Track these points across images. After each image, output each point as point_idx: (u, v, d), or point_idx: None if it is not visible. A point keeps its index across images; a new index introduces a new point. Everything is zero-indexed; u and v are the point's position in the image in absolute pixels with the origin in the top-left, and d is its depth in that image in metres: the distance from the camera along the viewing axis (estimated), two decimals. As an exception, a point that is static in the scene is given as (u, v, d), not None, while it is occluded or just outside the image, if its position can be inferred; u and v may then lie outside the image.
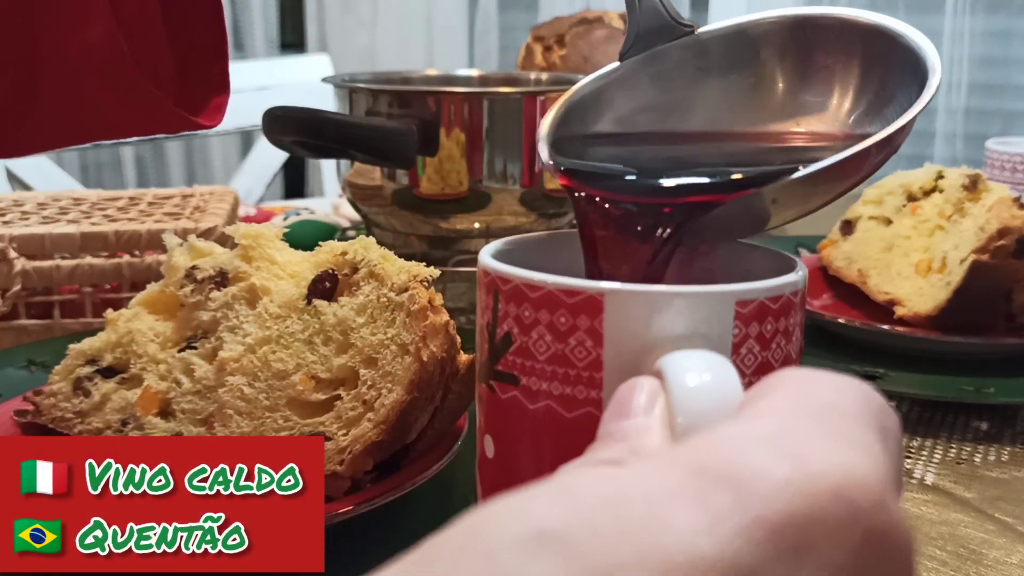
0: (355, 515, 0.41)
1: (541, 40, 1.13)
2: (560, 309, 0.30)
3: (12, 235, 0.68)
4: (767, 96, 0.41)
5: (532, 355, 0.31)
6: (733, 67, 0.42)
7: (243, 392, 0.46)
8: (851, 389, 0.23)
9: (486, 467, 0.35)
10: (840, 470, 0.19)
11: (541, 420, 0.31)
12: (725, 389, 0.25)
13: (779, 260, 0.36)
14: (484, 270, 0.34)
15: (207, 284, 0.50)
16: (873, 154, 0.34)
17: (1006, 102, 2.15)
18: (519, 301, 0.31)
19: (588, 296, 0.30)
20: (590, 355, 0.30)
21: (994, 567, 0.46)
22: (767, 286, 0.31)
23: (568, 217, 0.81)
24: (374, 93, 0.76)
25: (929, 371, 0.65)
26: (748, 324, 0.31)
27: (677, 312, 0.30)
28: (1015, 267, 0.66)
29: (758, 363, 0.31)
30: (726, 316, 0.30)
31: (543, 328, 0.31)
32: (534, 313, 0.31)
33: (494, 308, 0.33)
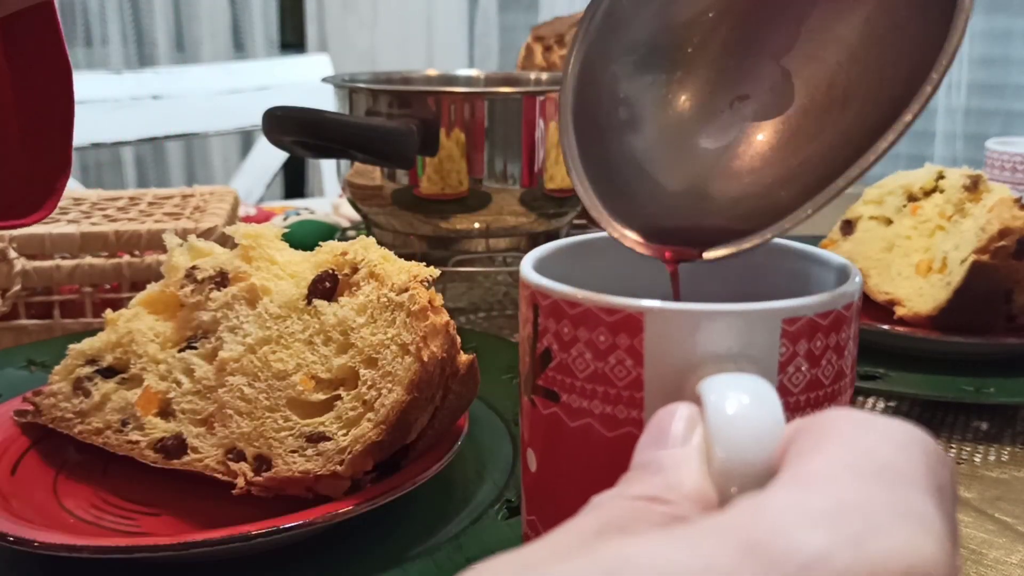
0: (355, 515, 0.41)
1: (541, 40, 1.13)
2: (599, 327, 0.29)
3: (12, 235, 0.68)
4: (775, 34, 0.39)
5: (572, 372, 0.30)
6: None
7: (243, 392, 0.46)
8: (908, 442, 0.22)
9: (530, 481, 0.34)
10: (904, 559, 0.18)
11: (582, 438, 0.30)
12: (767, 422, 0.24)
13: (834, 267, 0.34)
14: (524, 282, 0.32)
15: (207, 284, 0.50)
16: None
17: (1006, 102, 2.16)
18: (558, 317, 0.30)
19: (628, 314, 0.29)
20: (630, 374, 0.29)
21: (994, 567, 0.46)
22: (816, 302, 0.29)
23: (568, 217, 0.81)
24: (374, 93, 0.76)
25: (929, 371, 0.65)
26: (796, 342, 0.29)
27: (720, 331, 0.28)
28: (1015, 268, 0.66)
29: (807, 381, 0.30)
30: (772, 335, 0.29)
31: (582, 346, 0.30)
32: (573, 330, 0.30)
33: (534, 322, 0.32)
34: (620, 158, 0.40)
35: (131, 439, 0.48)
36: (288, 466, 0.43)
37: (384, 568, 0.42)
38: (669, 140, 0.40)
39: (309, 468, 0.43)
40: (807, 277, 0.36)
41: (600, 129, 0.40)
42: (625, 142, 0.40)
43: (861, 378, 0.63)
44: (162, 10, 2.63)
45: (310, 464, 0.43)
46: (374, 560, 0.42)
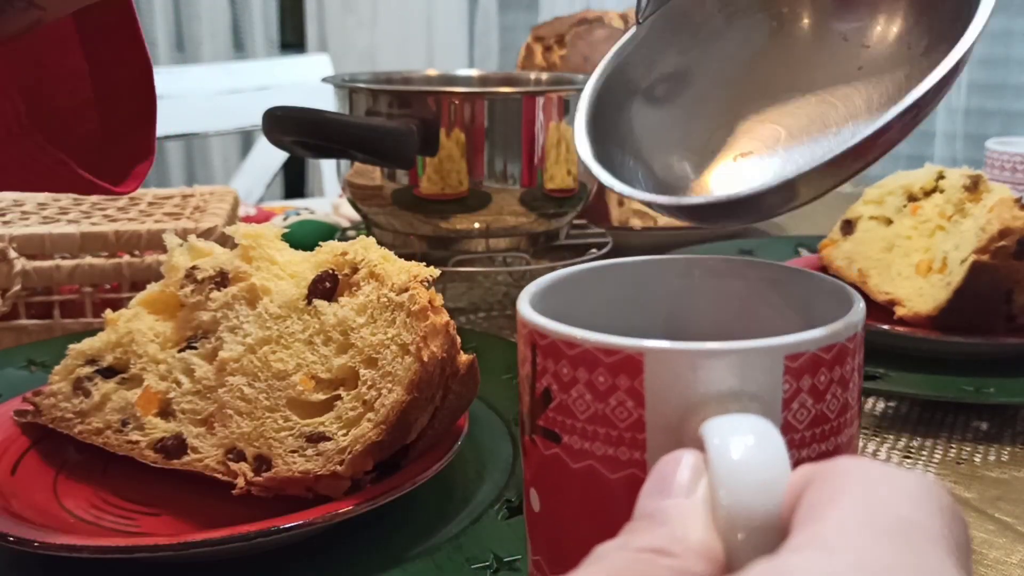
0: (355, 515, 0.41)
1: (541, 40, 1.13)
2: (599, 368, 0.29)
3: (12, 235, 0.68)
4: (798, 36, 0.40)
5: (573, 414, 0.30)
6: (757, 7, 0.41)
7: (243, 392, 0.46)
8: (925, 497, 0.21)
9: (534, 521, 0.33)
10: None
11: (585, 480, 0.30)
12: (772, 468, 0.23)
13: (836, 294, 0.34)
14: (521, 321, 0.32)
15: (207, 284, 0.50)
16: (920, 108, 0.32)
17: (1006, 102, 2.16)
18: (557, 358, 0.30)
19: (627, 355, 0.28)
20: (632, 416, 0.29)
21: (994, 567, 0.46)
22: (818, 336, 0.29)
23: (568, 217, 0.81)
24: (374, 93, 0.76)
25: (929, 371, 0.65)
26: (799, 378, 0.28)
27: (721, 370, 0.28)
28: (1016, 268, 0.66)
29: (812, 416, 0.29)
30: (774, 372, 0.28)
31: (582, 387, 0.29)
32: (572, 371, 0.29)
33: (533, 361, 0.31)
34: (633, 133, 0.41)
35: (131, 439, 0.48)
36: (288, 466, 0.43)
37: (384, 568, 0.42)
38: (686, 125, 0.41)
39: (309, 468, 0.43)
40: (807, 303, 0.35)
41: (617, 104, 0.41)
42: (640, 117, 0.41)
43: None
44: (162, 10, 2.63)
45: (310, 464, 0.43)
46: (374, 560, 0.42)
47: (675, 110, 0.42)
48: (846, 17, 0.39)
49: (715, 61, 0.42)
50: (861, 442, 0.59)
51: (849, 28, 0.39)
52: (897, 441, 0.60)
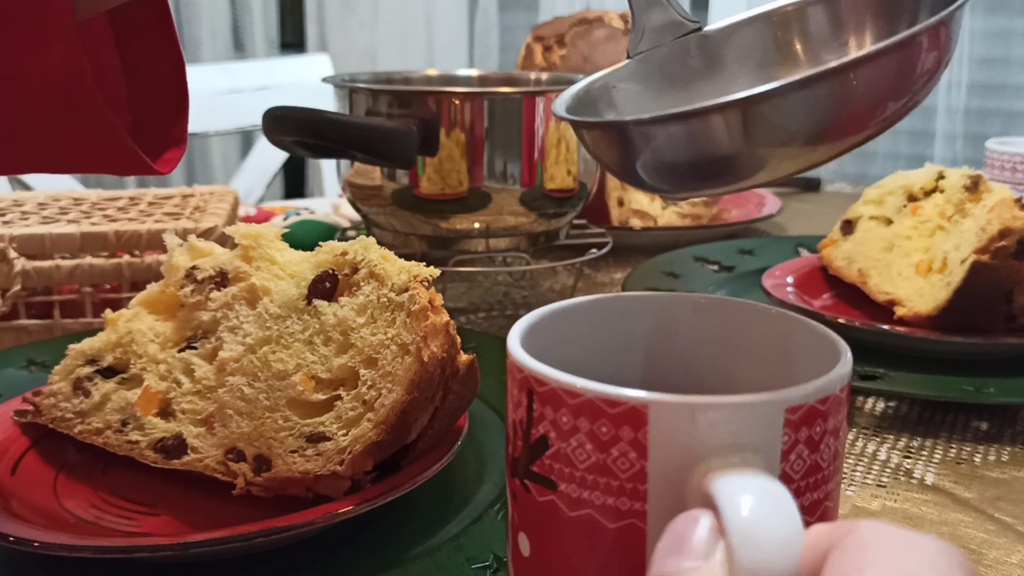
0: (355, 515, 0.41)
1: (541, 40, 1.13)
2: (601, 418, 0.29)
3: (12, 235, 0.68)
4: (788, 76, 0.41)
5: (571, 462, 0.30)
6: (746, 56, 0.42)
7: (243, 392, 0.46)
8: (949, 565, 0.21)
9: (522, 566, 0.33)
10: None
11: (582, 528, 0.30)
12: (788, 531, 0.23)
13: (821, 341, 0.34)
14: (516, 366, 0.31)
15: (207, 284, 0.50)
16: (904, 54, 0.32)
17: (1006, 102, 2.16)
18: (556, 406, 0.30)
19: (631, 407, 0.28)
20: (634, 467, 0.28)
21: (994, 567, 0.46)
22: (816, 388, 0.29)
23: (568, 217, 0.81)
24: (374, 93, 0.76)
25: (929, 371, 0.65)
26: (797, 430, 0.29)
27: (725, 423, 0.28)
28: (1016, 268, 0.66)
29: (807, 467, 0.30)
30: (775, 424, 0.28)
31: (583, 436, 0.29)
32: (573, 420, 0.29)
33: (528, 407, 0.31)
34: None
35: (131, 439, 0.48)
36: (288, 466, 0.43)
37: (384, 568, 0.42)
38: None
39: (309, 468, 0.43)
40: (784, 345, 0.36)
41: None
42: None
43: (861, 378, 0.63)
44: (162, 10, 2.63)
45: (310, 464, 0.43)
46: (374, 560, 0.42)
47: (658, 104, 0.42)
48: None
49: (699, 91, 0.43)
50: (861, 442, 0.59)
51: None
52: (897, 441, 0.60)
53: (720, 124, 0.33)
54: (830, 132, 0.34)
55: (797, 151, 0.34)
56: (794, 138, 0.34)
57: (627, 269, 0.95)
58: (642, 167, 0.36)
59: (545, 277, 0.93)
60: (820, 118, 0.33)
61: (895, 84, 0.33)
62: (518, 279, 0.92)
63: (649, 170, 0.36)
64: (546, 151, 0.76)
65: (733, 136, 0.34)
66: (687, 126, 0.34)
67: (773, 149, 0.34)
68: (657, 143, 0.35)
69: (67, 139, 0.40)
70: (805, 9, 0.41)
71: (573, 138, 0.77)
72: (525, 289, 0.89)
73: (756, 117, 0.33)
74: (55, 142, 0.40)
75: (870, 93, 0.33)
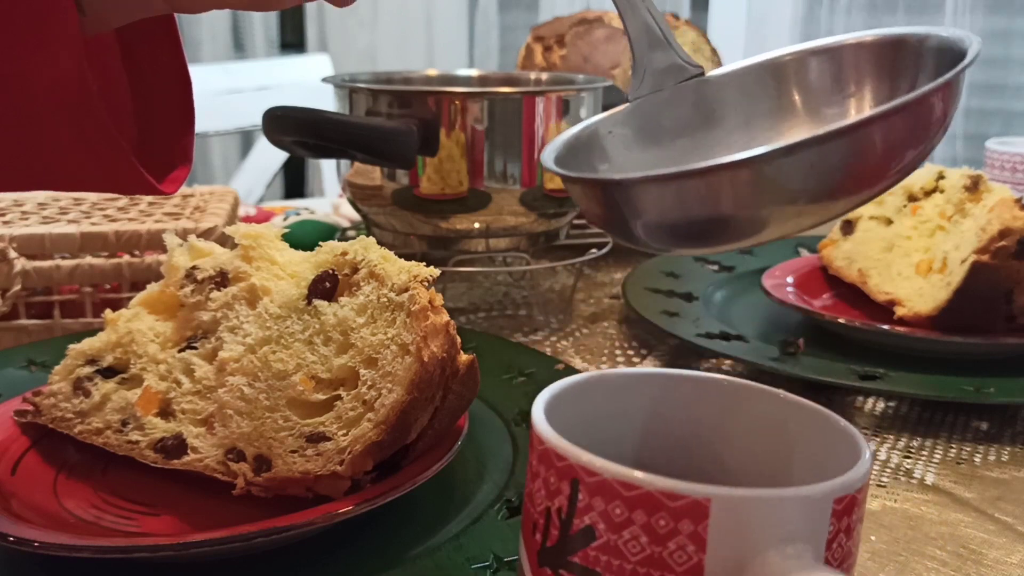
0: (355, 515, 0.41)
1: (541, 40, 1.13)
2: (660, 511, 0.28)
3: (12, 235, 0.68)
4: (787, 126, 0.41)
5: (622, 554, 0.29)
6: (746, 105, 0.41)
7: (243, 392, 0.46)
8: None
9: None
10: None
11: None
12: None
13: (824, 424, 0.34)
14: (556, 452, 0.31)
15: (207, 284, 0.50)
16: (896, 121, 0.32)
17: (1006, 102, 2.15)
18: (609, 497, 0.29)
19: (693, 500, 0.28)
20: (691, 560, 0.28)
21: (994, 567, 0.46)
22: (858, 477, 0.30)
23: (568, 217, 0.81)
24: (374, 93, 0.76)
25: (929, 371, 0.65)
26: (841, 519, 0.30)
27: (783, 515, 0.28)
28: (1016, 268, 0.66)
29: (844, 553, 0.30)
30: (825, 514, 0.29)
31: (638, 528, 0.29)
32: (627, 512, 0.29)
33: (571, 497, 0.30)
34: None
35: (131, 439, 0.48)
36: (288, 466, 0.43)
37: (384, 568, 0.42)
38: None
39: (309, 468, 0.43)
40: (781, 425, 0.36)
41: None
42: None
43: (861, 378, 0.63)
44: (162, 10, 2.63)
45: (310, 464, 0.43)
46: (374, 560, 0.42)
47: (652, 155, 0.42)
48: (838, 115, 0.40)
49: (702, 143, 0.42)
50: (861, 442, 0.59)
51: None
52: (897, 441, 0.60)
53: (715, 186, 0.33)
54: (827, 193, 0.33)
55: (796, 213, 0.34)
56: (794, 199, 0.33)
57: (627, 269, 0.95)
58: (630, 226, 0.36)
59: (545, 277, 0.93)
60: (817, 180, 0.33)
61: (900, 143, 0.33)
62: (518, 279, 0.92)
63: (639, 229, 0.36)
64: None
65: (726, 198, 0.33)
66: (679, 187, 0.33)
67: (773, 211, 0.34)
68: (646, 204, 0.35)
69: (72, 157, 0.40)
70: (806, 60, 0.41)
71: (573, 138, 0.77)
72: (525, 289, 0.89)
73: (752, 179, 0.33)
74: (60, 160, 0.40)
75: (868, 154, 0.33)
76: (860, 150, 0.32)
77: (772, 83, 0.41)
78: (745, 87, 0.42)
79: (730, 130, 0.42)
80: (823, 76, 0.40)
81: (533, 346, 0.72)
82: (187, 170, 0.46)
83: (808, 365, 0.65)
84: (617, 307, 0.85)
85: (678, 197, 0.33)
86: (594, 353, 0.74)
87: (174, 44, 0.45)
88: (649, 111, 0.42)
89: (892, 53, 0.38)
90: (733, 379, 0.37)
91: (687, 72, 0.41)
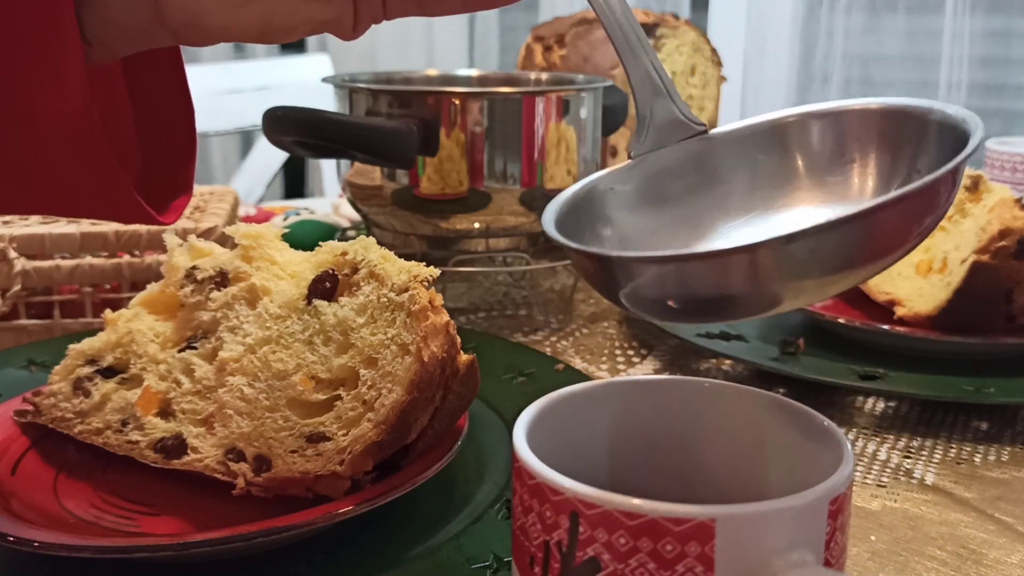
0: (355, 515, 0.41)
1: (541, 40, 1.13)
2: (666, 537, 0.28)
3: (12, 235, 0.68)
4: (788, 190, 0.40)
5: None
6: (748, 166, 0.41)
7: (243, 392, 0.46)
8: None
9: None
10: None
11: None
12: None
13: (799, 418, 0.35)
14: (549, 486, 0.30)
15: (207, 284, 0.50)
16: (894, 214, 0.32)
17: (1006, 102, 2.15)
18: (612, 528, 0.29)
19: (699, 523, 0.28)
20: None
21: (994, 567, 0.46)
22: (845, 476, 0.30)
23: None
24: (374, 93, 0.76)
25: (929, 371, 0.65)
26: (835, 518, 0.30)
27: (785, 525, 0.29)
28: (1016, 268, 0.66)
29: (840, 550, 0.31)
30: (821, 516, 0.30)
31: (645, 556, 0.29)
32: (633, 540, 0.29)
33: (571, 530, 0.30)
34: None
35: (131, 439, 0.48)
36: (288, 466, 0.43)
37: (384, 568, 0.42)
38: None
39: (309, 468, 0.43)
40: (768, 423, 0.36)
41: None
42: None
43: (861, 378, 0.63)
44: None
45: (310, 464, 0.43)
46: (374, 560, 0.42)
47: (653, 218, 0.42)
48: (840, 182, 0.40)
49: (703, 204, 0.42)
50: (861, 442, 0.59)
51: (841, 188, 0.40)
52: (897, 441, 0.60)
53: (717, 270, 0.33)
54: (825, 275, 0.33)
55: (796, 292, 0.34)
56: (797, 280, 0.33)
57: (627, 269, 0.95)
58: (630, 299, 0.35)
59: (545, 277, 0.93)
60: (816, 266, 0.32)
61: (903, 227, 0.33)
62: (518, 279, 0.92)
63: (636, 301, 0.35)
64: (546, 151, 0.76)
65: (723, 282, 0.33)
66: (680, 268, 0.33)
67: (774, 291, 0.33)
68: (643, 281, 0.34)
69: (74, 186, 0.40)
70: (808, 123, 0.41)
71: (573, 138, 0.77)
72: (525, 289, 0.89)
73: (753, 264, 0.32)
74: (62, 189, 0.41)
75: (874, 240, 0.33)
76: (863, 237, 0.32)
77: (775, 145, 0.41)
78: (747, 148, 0.42)
79: (732, 193, 0.42)
80: (825, 141, 0.40)
81: (533, 346, 0.72)
82: (188, 198, 0.46)
83: (808, 365, 0.65)
84: (617, 307, 0.85)
85: (677, 278, 0.33)
86: (594, 353, 0.74)
87: (179, 74, 0.45)
88: (650, 168, 0.42)
89: (895, 123, 0.39)
90: (703, 380, 0.38)
91: (690, 129, 0.41)
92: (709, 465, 0.37)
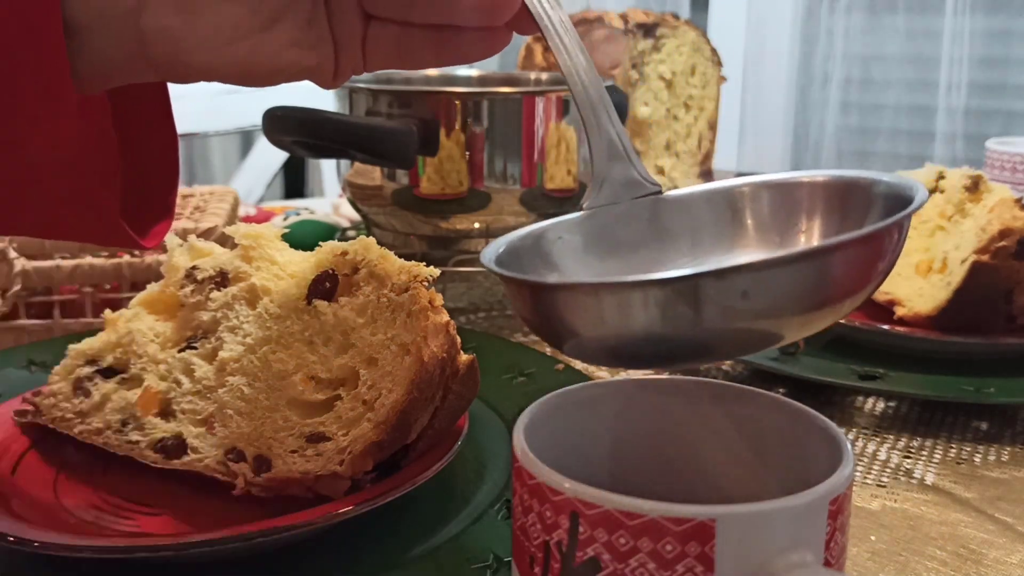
0: (355, 515, 0.41)
1: (541, 40, 1.13)
2: (666, 537, 0.29)
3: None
4: (737, 251, 0.41)
5: None
6: (698, 230, 0.42)
7: (243, 392, 0.46)
8: None
9: None
10: None
11: None
12: None
13: (796, 417, 0.35)
14: (549, 487, 0.30)
15: (207, 284, 0.50)
16: (836, 261, 0.32)
17: (1006, 102, 2.15)
18: (612, 528, 0.29)
19: (699, 523, 0.28)
20: None
21: (994, 567, 0.46)
22: (845, 476, 0.30)
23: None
24: (374, 93, 0.76)
25: (929, 371, 0.65)
26: (835, 518, 0.30)
27: (785, 524, 0.29)
28: (1016, 268, 0.66)
29: (839, 550, 0.31)
30: (822, 516, 0.30)
31: (645, 556, 0.29)
32: (633, 540, 0.29)
33: (571, 530, 0.30)
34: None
35: (131, 439, 0.48)
36: (288, 466, 0.43)
37: (384, 568, 0.42)
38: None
39: (309, 468, 0.43)
40: (756, 423, 0.36)
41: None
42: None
43: (861, 378, 0.63)
44: (162, 10, 2.63)
45: (310, 464, 0.43)
46: (374, 560, 0.42)
47: (599, 268, 0.42)
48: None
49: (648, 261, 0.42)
50: (861, 442, 0.59)
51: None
52: (897, 441, 0.60)
53: (644, 301, 0.32)
54: (756, 323, 0.33)
55: (731, 338, 0.33)
56: (729, 324, 0.33)
57: (627, 269, 0.95)
58: (565, 337, 0.35)
59: (545, 277, 0.93)
60: (761, 305, 0.32)
61: (836, 279, 0.34)
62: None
63: (577, 347, 0.35)
64: (546, 151, 0.76)
65: (653, 317, 0.32)
66: (609, 298, 0.33)
67: (705, 335, 0.33)
68: (576, 312, 0.34)
69: (61, 212, 0.41)
70: (760, 192, 0.42)
71: (573, 138, 0.77)
72: (525, 289, 0.89)
73: (676, 299, 0.32)
74: (50, 213, 0.42)
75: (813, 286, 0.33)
76: (796, 281, 0.32)
77: (726, 210, 0.42)
78: (700, 210, 0.42)
79: (680, 249, 0.42)
80: (776, 210, 0.41)
81: (533, 346, 0.72)
82: (169, 223, 0.47)
83: (808, 365, 0.65)
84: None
85: (611, 307, 0.33)
86: (594, 353, 0.74)
87: (164, 105, 0.46)
88: (601, 222, 0.42)
89: (842, 194, 0.40)
90: (703, 380, 0.38)
91: (645, 188, 0.42)
92: (709, 465, 0.37)
